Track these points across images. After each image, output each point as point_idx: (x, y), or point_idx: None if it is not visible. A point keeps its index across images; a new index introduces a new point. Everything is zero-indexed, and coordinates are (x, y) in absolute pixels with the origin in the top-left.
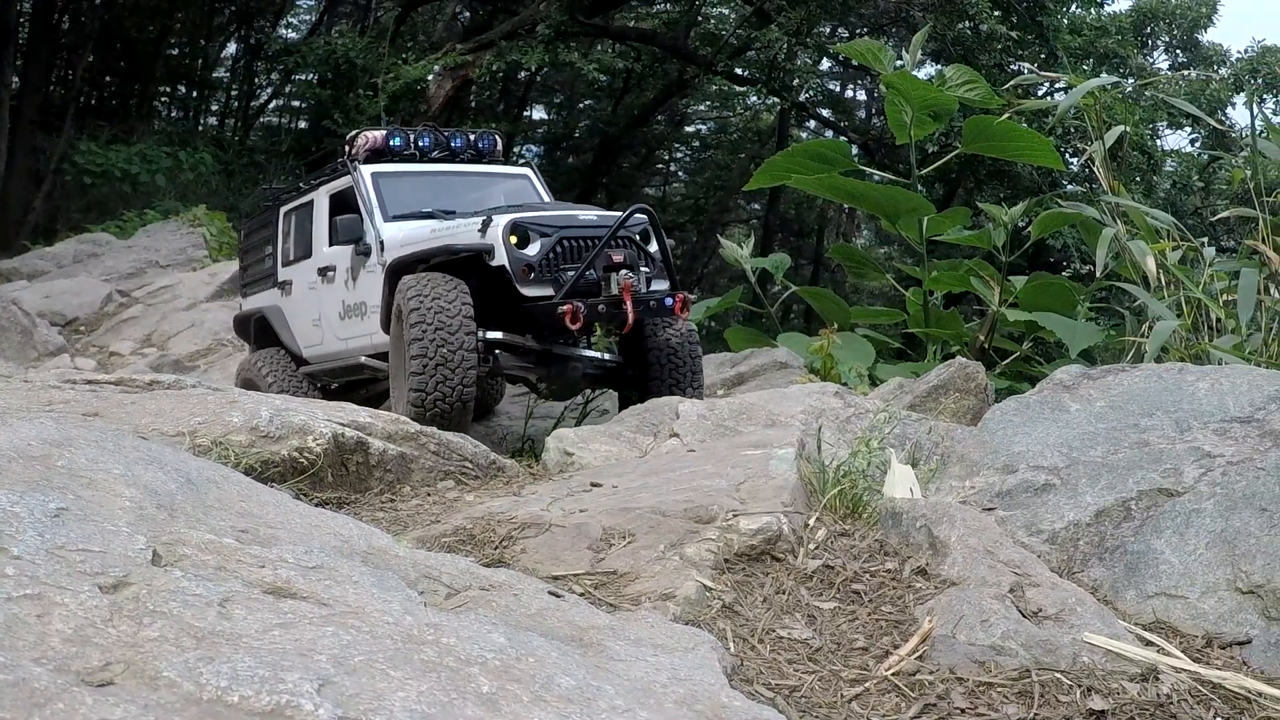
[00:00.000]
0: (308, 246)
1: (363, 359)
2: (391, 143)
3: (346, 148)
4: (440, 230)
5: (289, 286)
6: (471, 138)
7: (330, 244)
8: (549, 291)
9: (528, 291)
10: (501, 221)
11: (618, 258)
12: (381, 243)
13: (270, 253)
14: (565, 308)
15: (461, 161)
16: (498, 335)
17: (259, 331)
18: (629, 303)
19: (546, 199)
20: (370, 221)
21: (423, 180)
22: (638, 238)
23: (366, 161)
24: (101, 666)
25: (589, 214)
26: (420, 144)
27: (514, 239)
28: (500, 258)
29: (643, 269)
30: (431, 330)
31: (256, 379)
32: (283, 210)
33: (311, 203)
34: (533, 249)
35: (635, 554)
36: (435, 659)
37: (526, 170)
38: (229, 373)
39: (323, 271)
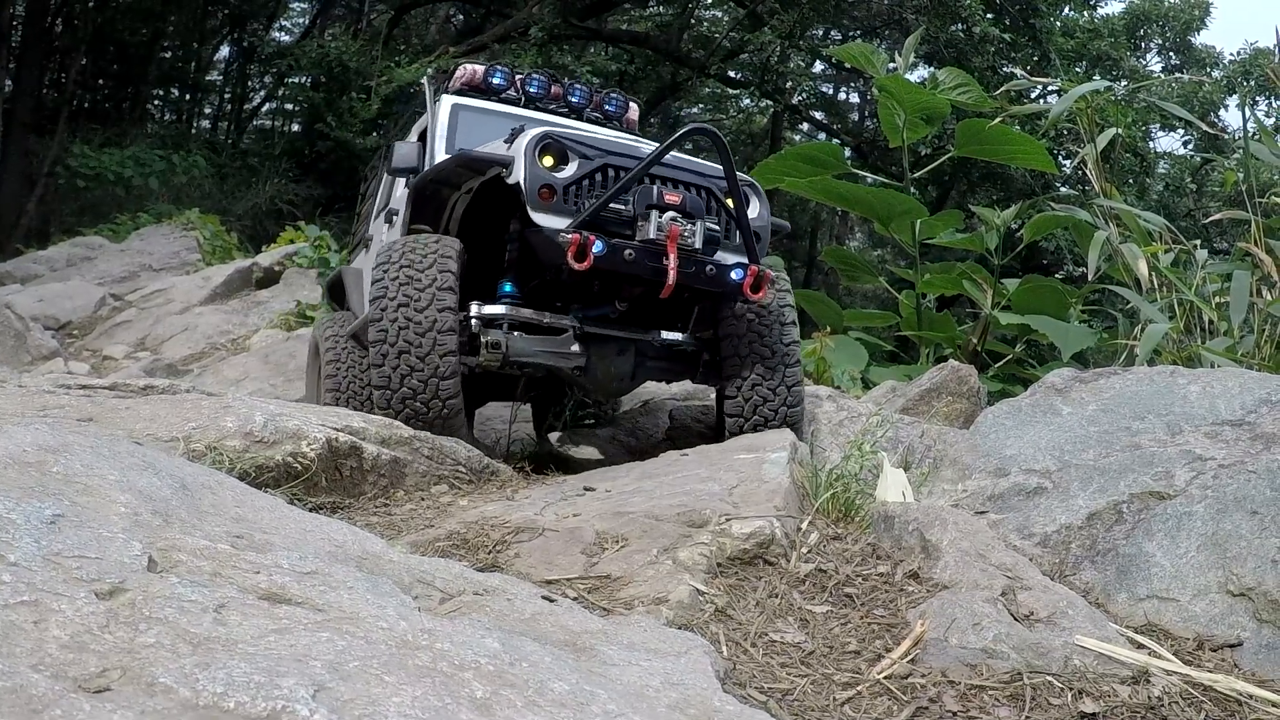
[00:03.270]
0: (389, 193)
1: None
2: (491, 79)
3: (445, 82)
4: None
5: (371, 243)
6: (598, 95)
7: (386, 174)
8: (569, 224)
9: (540, 219)
10: (533, 132)
11: (672, 198)
12: None
13: (372, 208)
14: (571, 237)
15: (579, 120)
16: (497, 309)
17: (334, 295)
18: (672, 256)
19: None
20: (430, 153)
21: (512, 121)
22: (717, 190)
23: (458, 94)
24: (98, 673)
25: (657, 159)
26: (528, 88)
27: (543, 154)
28: (517, 173)
29: (708, 223)
30: (393, 305)
31: (319, 342)
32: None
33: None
34: (565, 171)
35: (628, 558)
36: (429, 664)
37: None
38: (222, 377)
39: (389, 216)
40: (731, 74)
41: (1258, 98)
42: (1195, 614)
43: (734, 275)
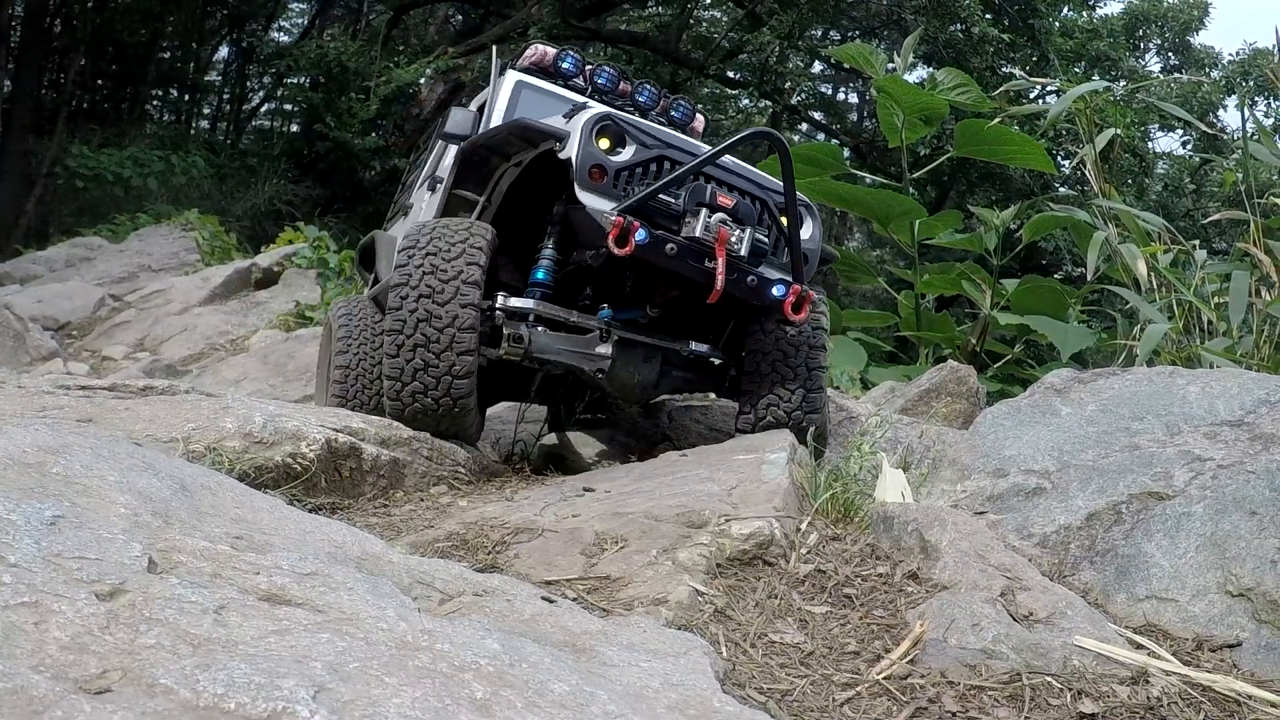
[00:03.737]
0: (438, 162)
1: None
2: (561, 64)
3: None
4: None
5: (410, 211)
6: (666, 99)
7: (436, 139)
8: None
9: (586, 198)
10: (594, 110)
11: (725, 200)
12: None
13: (417, 178)
14: (615, 219)
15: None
16: (525, 303)
17: (364, 261)
18: (720, 259)
19: None
20: (487, 124)
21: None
22: (772, 204)
23: (524, 73)
24: (99, 674)
25: (717, 155)
26: (597, 79)
27: (600, 135)
28: (570, 148)
29: (758, 234)
30: (413, 295)
31: (332, 322)
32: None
33: None
34: (620, 155)
35: (628, 559)
36: (429, 665)
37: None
38: (221, 377)
39: (433, 184)
40: (730, 74)
41: (1256, 98)
42: (1194, 614)
43: (775, 291)
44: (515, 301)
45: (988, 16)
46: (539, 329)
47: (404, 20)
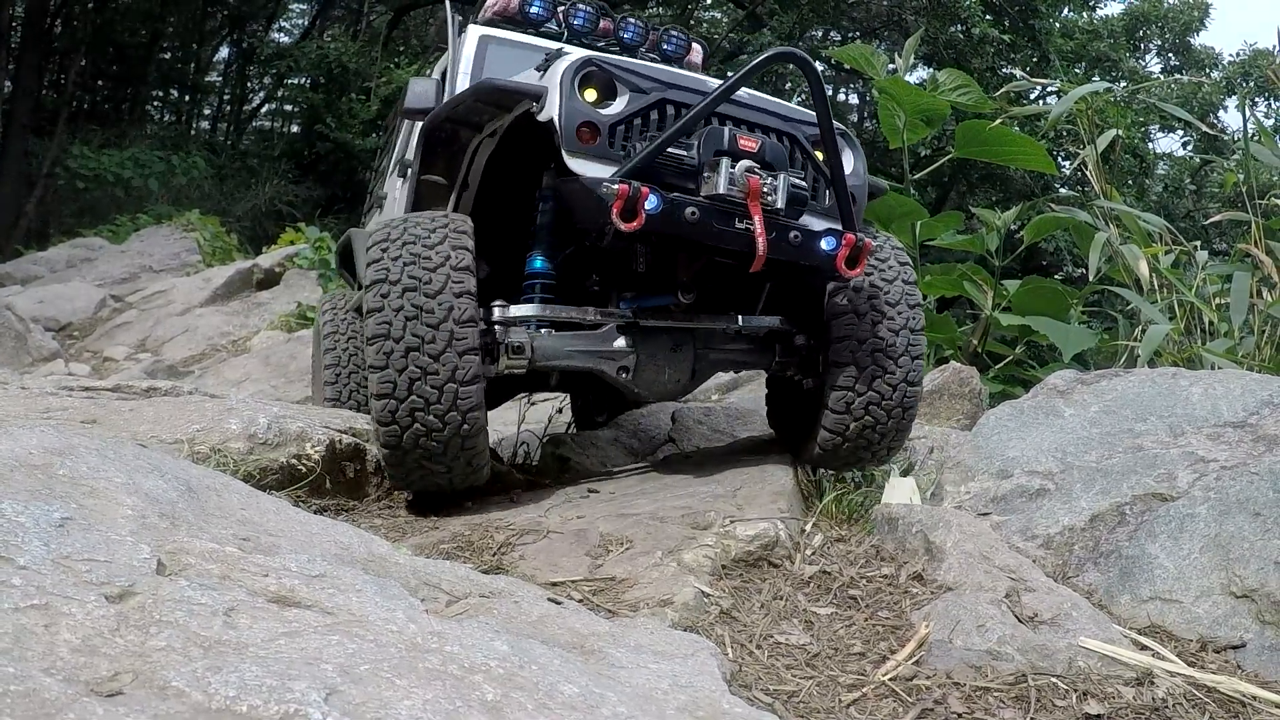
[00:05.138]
0: (407, 142)
1: None
2: (528, 8)
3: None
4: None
5: (384, 202)
6: (655, 31)
7: (400, 119)
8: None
9: (578, 165)
10: (573, 56)
11: (748, 143)
12: None
13: (387, 165)
14: (618, 187)
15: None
16: (527, 310)
17: (344, 264)
18: (757, 218)
19: None
20: (451, 91)
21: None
22: (804, 140)
23: (487, 25)
24: (110, 676)
25: (732, 89)
26: (572, 20)
27: (585, 85)
28: (550, 108)
29: (794, 178)
30: (396, 291)
31: (319, 325)
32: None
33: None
34: (612, 106)
35: (633, 560)
36: (439, 667)
37: None
38: (223, 378)
39: (402, 170)
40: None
41: (1257, 98)
42: (1198, 615)
43: (824, 245)
44: (516, 309)
45: (988, 17)
46: (542, 331)
47: (404, 21)
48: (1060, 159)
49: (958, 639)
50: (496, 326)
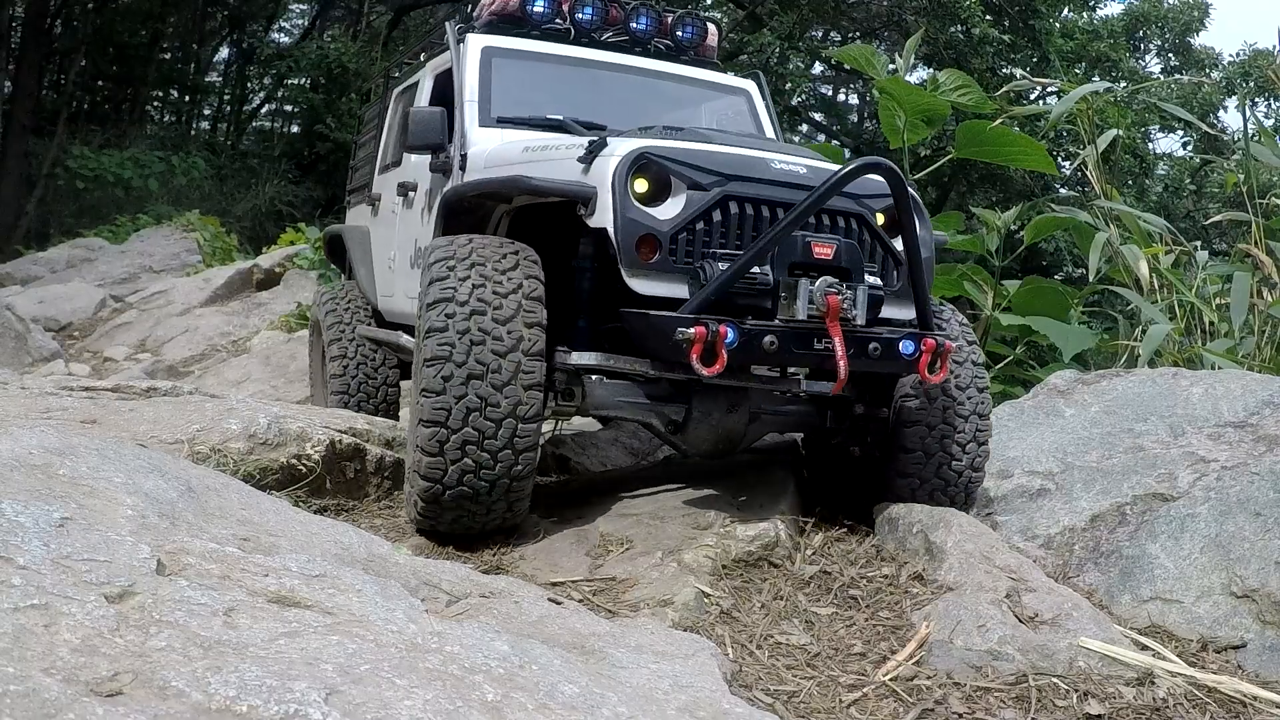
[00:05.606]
0: (401, 150)
1: None
2: (531, 7)
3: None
4: (538, 152)
5: (379, 204)
6: (667, 19)
7: (406, 149)
8: (680, 292)
9: (640, 286)
10: (621, 149)
11: (822, 250)
12: (464, 157)
13: (372, 153)
14: (692, 331)
15: (644, 54)
16: (588, 358)
17: (334, 254)
18: (838, 341)
19: (770, 135)
20: (460, 121)
21: (566, 70)
22: (874, 218)
23: (488, 30)
24: (110, 676)
25: (794, 162)
26: (579, 16)
27: (638, 183)
28: (603, 214)
29: (869, 278)
30: (463, 313)
31: (320, 321)
32: (394, 91)
33: (417, 85)
34: (669, 207)
35: (633, 560)
36: (440, 667)
37: (747, 84)
38: (223, 378)
39: (403, 190)
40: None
41: (1257, 99)
42: (1199, 616)
43: (904, 350)
44: (579, 357)
45: (988, 18)
46: (593, 378)
47: (404, 21)
48: (1060, 159)
49: (958, 639)
50: (556, 372)
